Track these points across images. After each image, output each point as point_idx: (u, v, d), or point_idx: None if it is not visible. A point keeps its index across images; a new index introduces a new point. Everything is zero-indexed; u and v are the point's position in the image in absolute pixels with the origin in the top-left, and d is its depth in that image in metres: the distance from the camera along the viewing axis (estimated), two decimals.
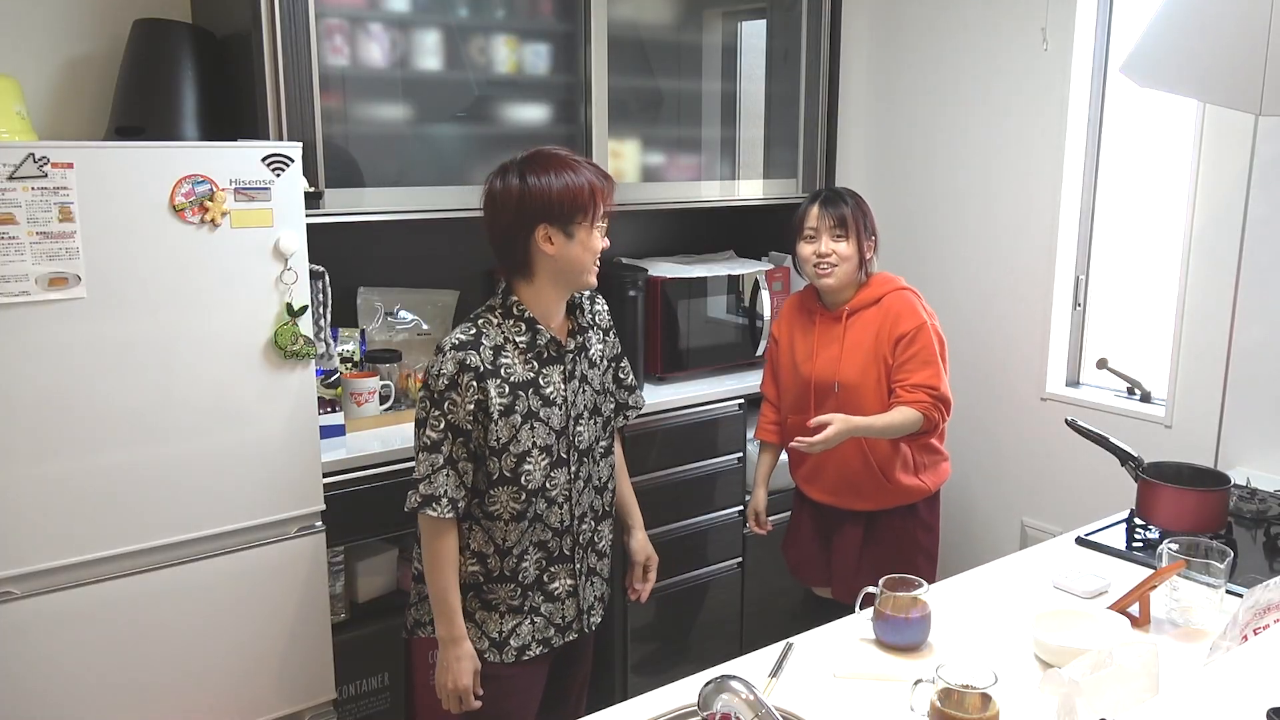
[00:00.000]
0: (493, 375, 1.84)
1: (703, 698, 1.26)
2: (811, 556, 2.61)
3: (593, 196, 1.86)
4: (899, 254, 3.44)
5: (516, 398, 1.87)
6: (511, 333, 1.89)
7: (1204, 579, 1.76)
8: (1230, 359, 2.67)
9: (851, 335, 2.42)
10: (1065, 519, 2.83)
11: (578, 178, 1.85)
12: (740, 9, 3.14)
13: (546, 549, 1.96)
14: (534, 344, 1.90)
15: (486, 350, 1.85)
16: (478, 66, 2.62)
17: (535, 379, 1.90)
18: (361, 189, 2.44)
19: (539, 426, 1.89)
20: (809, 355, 2.47)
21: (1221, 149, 2.62)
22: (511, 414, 1.86)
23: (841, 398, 2.40)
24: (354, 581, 2.49)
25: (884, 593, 1.70)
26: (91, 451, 1.94)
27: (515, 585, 1.94)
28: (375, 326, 2.81)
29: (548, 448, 1.91)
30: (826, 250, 2.39)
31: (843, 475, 2.46)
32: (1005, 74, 3.09)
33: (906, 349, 2.37)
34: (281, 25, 2.23)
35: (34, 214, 1.82)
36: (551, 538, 1.96)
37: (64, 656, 1.97)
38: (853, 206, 2.42)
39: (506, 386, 1.86)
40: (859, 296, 2.44)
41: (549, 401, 1.91)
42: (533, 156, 1.88)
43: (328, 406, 2.42)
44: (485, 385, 1.83)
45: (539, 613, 1.98)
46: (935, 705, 1.37)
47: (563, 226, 1.85)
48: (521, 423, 1.87)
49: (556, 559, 1.98)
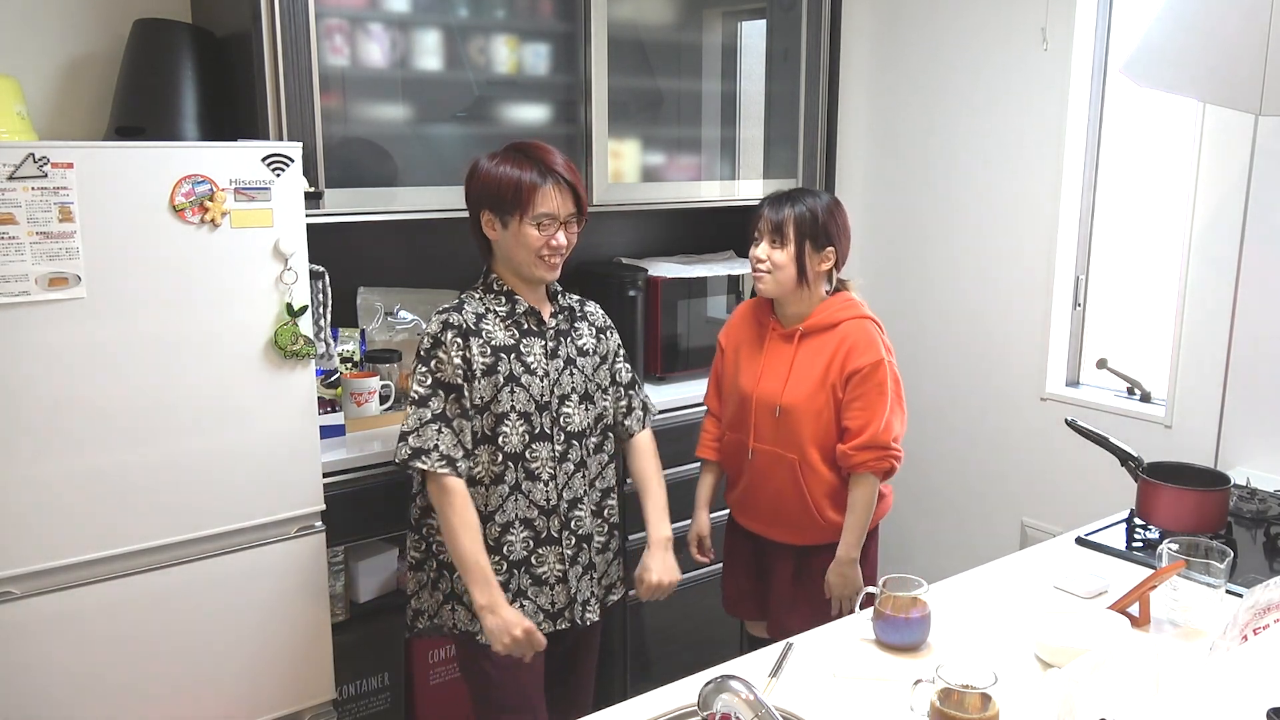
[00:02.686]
0: (475, 334, 1.95)
1: (703, 698, 1.26)
2: (747, 591, 2.44)
3: (522, 193, 1.95)
4: (898, 254, 3.44)
5: (498, 359, 1.96)
6: (491, 304, 2.02)
7: (1204, 579, 1.75)
8: (1230, 359, 2.67)
9: (802, 358, 2.23)
10: (1065, 519, 2.83)
11: (519, 173, 1.96)
12: (740, 9, 3.14)
13: (533, 528, 2.01)
14: (513, 313, 2.02)
15: (469, 314, 1.97)
16: (478, 66, 2.62)
17: (516, 345, 2.00)
18: (361, 189, 2.44)
19: (519, 391, 1.98)
20: (754, 373, 2.28)
21: (1221, 149, 2.62)
22: (494, 374, 1.95)
23: (781, 421, 2.23)
24: (354, 581, 2.49)
25: (884, 592, 1.70)
26: (91, 451, 1.94)
27: (501, 559, 1.98)
28: (375, 326, 2.81)
29: (527, 415, 1.98)
30: (762, 255, 2.21)
31: (775, 506, 2.29)
32: (1005, 74, 3.09)
33: (859, 386, 2.17)
34: (281, 25, 2.23)
35: (34, 214, 1.82)
36: (537, 516, 2.01)
37: (64, 656, 1.97)
38: (799, 213, 2.20)
39: (488, 348, 1.96)
40: (815, 318, 2.24)
41: (530, 370, 2.00)
42: (512, 145, 2.03)
43: (328, 406, 2.42)
44: (468, 343, 1.94)
45: (526, 595, 2.02)
46: (935, 705, 1.37)
47: (499, 215, 1.99)
48: (503, 384, 1.96)
49: (544, 540, 2.02)
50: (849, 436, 2.20)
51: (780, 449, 2.25)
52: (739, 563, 2.45)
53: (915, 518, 3.48)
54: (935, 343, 3.35)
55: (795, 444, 2.22)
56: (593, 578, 2.11)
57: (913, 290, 3.42)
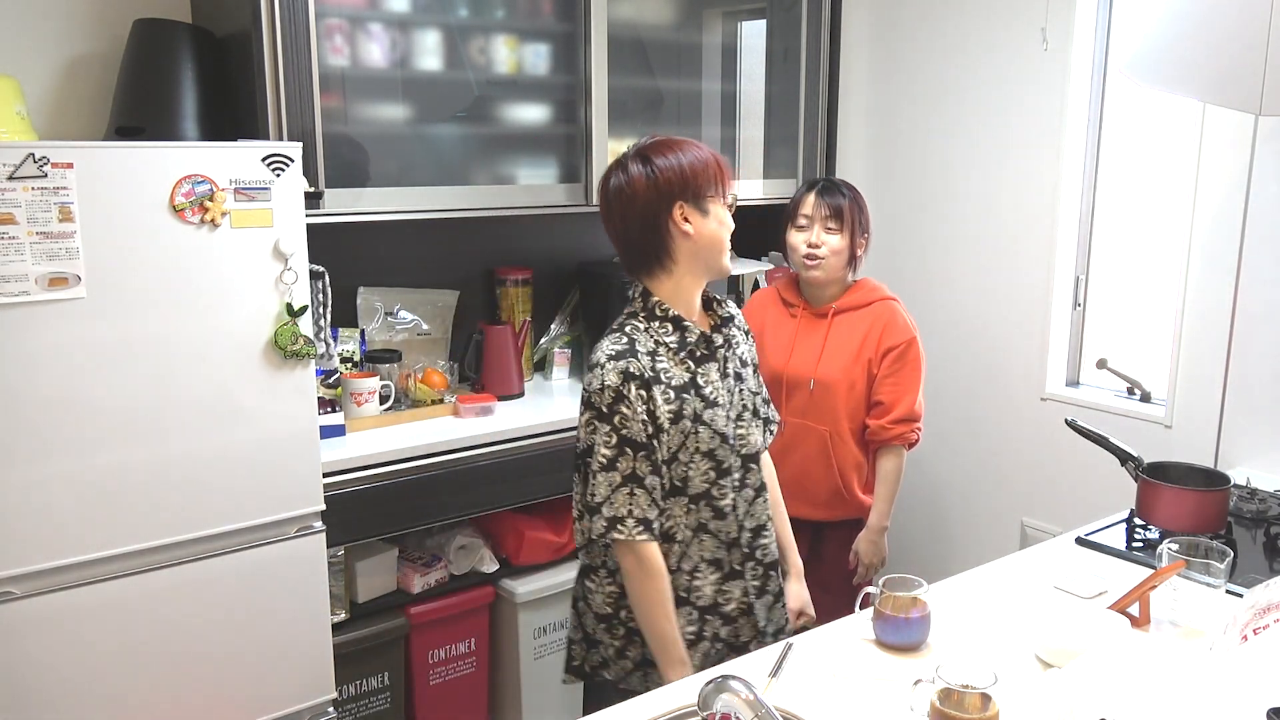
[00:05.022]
0: (656, 382, 1.74)
1: (703, 698, 1.26)
2: None
3: (719, 167, 1.79)
4: (899, 253, 3.44)
5: (683, 402, 1.76)
6: (659, 335, 1.79)
7: (1204, 579, 1.75)
8: (1230, 359, 2.66)
9: (836, 334, 2.36)
10: (1065, 519, 2.83)
11: (700, 152, 1.79)
12: (740, 9, 3.14)
13: (719, 567, 1.83)
14: (684, 342, 1.80)
15: (643, 357, 1.75)
16: (478, 66, 2.62)
17: (694, 379, 1.79)
18: (361, 189, 2.44)
19: (703, 430, 1.78)
20: (784, 349, 2.39)
21: (1221, 149, 2.62)
22: (680, 420, 1.75)
23: (816, 395, 2.34)
24: (354, 581, 2.49)
25: (884, 592, 1.70)
26: (91, 451, 1.94)
27: (691, 608, 1.81)
28: (375, 326, 2.81)
29: (710, 452, 1.79)
30: (818, 241, 2.32)
31: (800, 477, 2.36)
32: (1005, 74, 3.09)
33: (895, 362, 2.32)
34: (281, 25, 2.23)
35: (34, 214, 1.82)
36: (724, 553, 1.83)
37: (64, 656, 1.97)
38: (850, 200, 2.35)
39: (671, 392, 1.76)
40: (847, 298, 2.38)
41: (710, 402, 1.79)
42: (645, 145, 1.81)
43: (328, 406, 2.42)
44: (651, 393, 1.73)
45: (719, 638, 1.85)
46: (935, 705, 1.37)
47: (697, 203, 1.77)
48: (690, 428, 1.76)
49: (729, 575, 1.85)
50: (881, 411, 2.34)
51: (811, 422, 2.36)
52: None
53: (915, 518, 3.48)
54: (935, 343, 3.34)
55: (829, 416, 2.34)
56: (782, 605, 1.94)
57: (913, 290, 3.41)
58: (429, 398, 2.68)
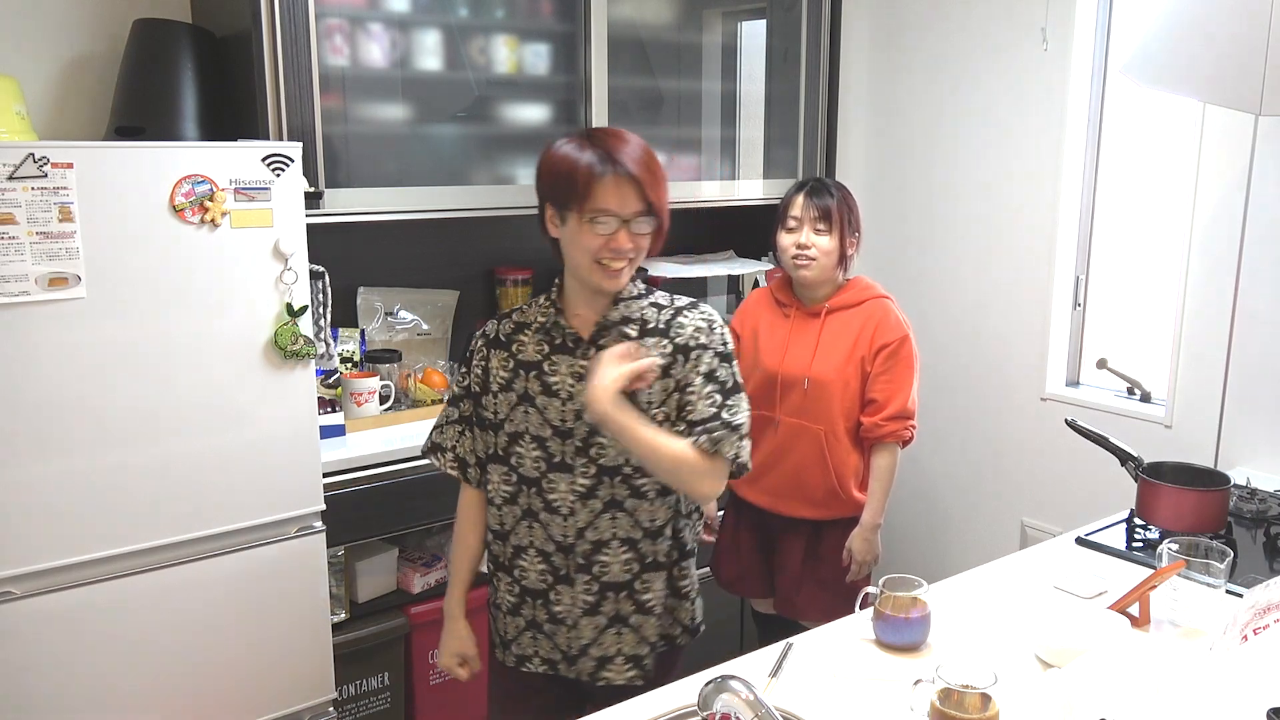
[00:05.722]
0: (503, 347, 1.81)
1: (703, 698, 1.26)
2: (752, 568, 2.53)
3: (578, 182, 1.63)
4: (899, 253, 3.44)
5: (516, 375, 1.78)
6: (537, 314, 1.80)
7: (1204, 579, 1.75)
8: (1230, 359, 2.67)
9: (829, 333, 2.36)
10: (1065, 519, 2.83)
11: (579, 154, 1.65)
12: (740, 9, 3.14)
13: (550, 562, 1.80)
14: (548, 329, 1.78)
15: (508, 324, 1.83)
16: (478, 66, 2.62)
17: (541, 363, 1.77)
18: (361, 189, 2.44)
19: (532, 413, 1.76)
20: (779, 349, 2.40)
21: (1221, 149, 2.62)
22: (509, 390, 1.78)
23: (811, 394, 2.35)
24: (354, 581, 2.49)
25: (884, 592, 1.70)
26: (91, 451, 1.94)
27: (513, 581, 1.83)
28: (375, 326, 2.81)
29: (541, 440, 1.76)
30: (807, 242, 2.33)
31: (794, 476, 2.38)
32: (1005, 74, 3.09)
33: (888, 360, 2.33)
34: (281, 25, 2.23)
35: (34, 214, 1.82)
36: (554, 551, 1.79)
37: (64, 656, 1.97)
38: (838, 200, 2.35)
39: (511, 362, 1.79)
40: (839, 297, 2.39)
41: (550, 391, 1.75)
42: (591, 130, 1.74)
43: (328, 406, 2.42)
44: (490, 354, 1.82)
45: (542, 629, 1.83)
46: (935, 705, 1.37)
47: (559, 209, 1.69)
48: (516, 403, 1.77)
49: (561, 579, 1.80)
50: (875, 409, 2.34)
51: (807, 421, 2.37)
52: (743, 542, 2.53)
53: (915, 518, 3.48)
54: (935, 343, 3.35)
55: (824, 415, 2.34)
56: (621, 634, 1.81)
57: (913, 290, 3.41)
58: (429, 398, 2.68)
